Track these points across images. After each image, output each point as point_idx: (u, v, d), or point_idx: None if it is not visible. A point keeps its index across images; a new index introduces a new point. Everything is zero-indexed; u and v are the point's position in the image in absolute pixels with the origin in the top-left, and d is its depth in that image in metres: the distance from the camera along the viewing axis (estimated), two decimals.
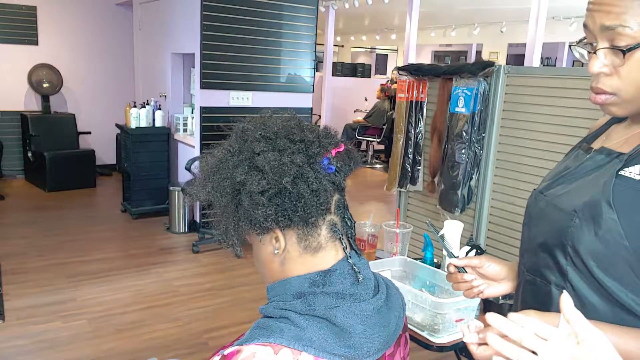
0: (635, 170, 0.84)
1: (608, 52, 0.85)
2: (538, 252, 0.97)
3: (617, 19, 0.82)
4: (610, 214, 0.83)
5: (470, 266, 1.11)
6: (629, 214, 0.82)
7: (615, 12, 0.82)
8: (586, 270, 0.87)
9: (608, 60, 0.85)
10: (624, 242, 0.82)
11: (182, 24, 4.82)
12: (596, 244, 0.85)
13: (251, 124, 0.86)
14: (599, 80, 0.87)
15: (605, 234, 0.84)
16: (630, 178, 0.84)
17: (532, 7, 6.17)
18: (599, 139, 1.00)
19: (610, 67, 0.85)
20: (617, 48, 0.83)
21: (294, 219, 0.80)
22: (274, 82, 4.84)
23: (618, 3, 0.81)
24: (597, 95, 0.89)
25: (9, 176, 6.56)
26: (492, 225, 2.92)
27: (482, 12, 8.80)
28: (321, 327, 0.78)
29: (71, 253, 4.17)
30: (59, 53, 6.63)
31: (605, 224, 0.84)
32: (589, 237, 0.86)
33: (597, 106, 0.92)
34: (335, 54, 13.27)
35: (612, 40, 0.83)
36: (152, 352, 2.81)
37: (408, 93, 3.22)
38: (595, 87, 0.89)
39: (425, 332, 1.74)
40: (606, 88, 0.87)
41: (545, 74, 2.66)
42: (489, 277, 1.11)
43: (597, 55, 0.86)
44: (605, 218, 0.83)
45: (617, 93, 0.86)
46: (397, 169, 3.30)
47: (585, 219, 0.86)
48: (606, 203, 0.84)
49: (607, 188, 0.85)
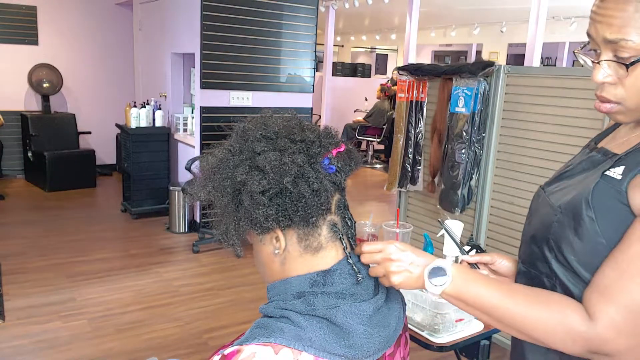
0: (619, 171, 0.86)
1: (612, 63, 0.85)
2: (530, 245, 1.00)
3: (619, 32, 0.82)
4: (588, 212, 0.87)
5: (482, 263, 1.13)
6: (605, 213, 0.85)
7: (617, 24, 0.82)
8: (567, 264, 0.90)
9: (612, 70, 0.86)
10: (601, 239, 0.85)
11: (182, 24, 4.82)
12: (575, 240, 0.88)
13: (252, 124, 0.86)
14: (604, 89, 0.88)
15: (583, 231, 0.87)
16: (612, 178, 0.86)
17: (532, 7, 6.17)
18: (606, 138, 1.02)
19: (615, 77, 0.86)
20: (620, 61, 0.84)
21: (294, 219, 0.80)
22: (274, 82, 4.84)
23: (620, 15, 0.81)
24: (602, 103, 0.90)
25: (9, 176, 6.55)
26: (492, 225, 2.92)
27: (482, 12, 8.79)
28: (321, 327, 0.78)
29: (71, 253, 4.17)
30: (59, 53, 6.63)
31: (583, 222, 0.87)
32: (570, 234, 0.89)
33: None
34: (335, 54, 13.26)
35: (615, 51, 0.84)
36: (152, 352, 2.81)
37: (408, 93, 3.22)
38: (600, 96, 0.90)
39: (425, 332, 1.74)
40: (611, 97, 0.88)
41: (545, 74, 2.66)
42: (500, 273, 1.13)
43: (601, 65, 0.86)
44: (584, 216, 0.87)
45: (621, 102, 0.87)
46: (397, 169, 3.31)
47: (567, 216, 0.90)
48: (585, 201, 0.87)
49: (589, 187, 0.88)
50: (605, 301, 0.81)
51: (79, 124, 6.68)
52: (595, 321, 0.82)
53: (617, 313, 0.80)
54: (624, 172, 0.85)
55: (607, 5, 0.83)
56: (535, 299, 0.87)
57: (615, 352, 0.81)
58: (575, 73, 2.54)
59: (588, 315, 0.82)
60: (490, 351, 1.92)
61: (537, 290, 0.91)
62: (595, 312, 0.82)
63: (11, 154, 6.50)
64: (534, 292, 0.90)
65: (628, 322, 0.80)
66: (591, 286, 0.85)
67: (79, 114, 6.75)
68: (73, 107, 6.86)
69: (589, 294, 0.85)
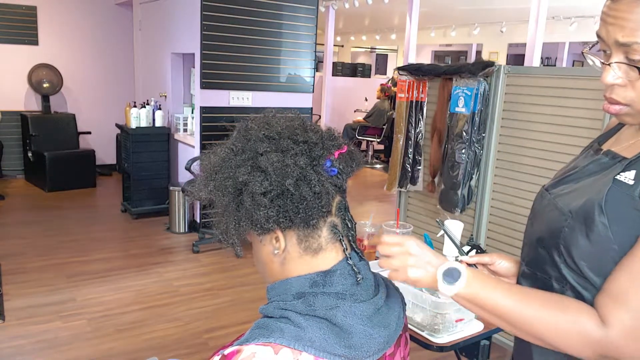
0: (630, 176, 0.85)
1: (623, 65, 0.84)
2: (537, 248, 0.99)
3: (631, 36, 0.81)
4: (601, 217, 0.85)
5: (482, 263, 1.13)
6: (618, 218, 0.84)
7: (630, 27, 0.80)
8: (577, 269, 0.89)
9: (622, 72, 0.85)
10: (614, 245, 0.84)
11: (182, 24, 4.82)
12: (587, 246, 0.87)
13: (254, 123, 0.86)
14: (613, 91, 0.87)
15: (595, 237, 0.86)
16: (624, 183, 0.85)
17: (532, 7, 6.17)
18: (610, 140, 1.01)
19: (625, 79, 0.85)
20: (632, 64, 0.83)
21: (295, 221, 0.80)
22: (274, 82, 4.84)
23: (632, 18, 0.80)
24: (611, 105, 0.89)
25: (9, 176, 6.55)
26: (492, 225, 2.92)
27: (482, 12, 8.79)
28: (321, 327, 0.78)
29: (71, 253, 4.17)
30: (59, 53, 6.63)
31: (596, 227, 0.86)
32: (581, 239, 0.88)
33: (598, 106, 0.92)
34: (335, 54, 13.26)
35: (626, 53, 0.83)
36: (152, 352, 2.81)
37: (408, 93, 3.21)
38: (609, 98, 0.88)
39: (425, 332, 1.74)
40: (620, 99, 0.87)
41: (545, 74, 2.66)
42: (500, 274, 1.12)
43: (612, 67, 0.85)
44: (597, 222, 0.86)
45: (631, 104, 0.86)
46: (397, 169, 3.30)
47: (579, 221, 0.88)
48: (598, 207, 0.86)
49: (602, 192, 0.87)
50: (619, 307, 0.81)
51: (79, 124, 6.68)
52: (608, 327, 0.81)
53: (630, 319, 0.80)
54: (635, 177, 0.84)
55: (620, 7, 0.82)
56: (551, 304, 0.87)
57: (627, 358, 0.81)
58: (575, 73, 2.54)
59: (601, 321, 0.82)
60: (490, 351, 1.92)
61: (551, 295, 0.90)
62: (609, 318, 0.81)
63: (11, 154, 6.50)
64: (547, 296, 0.89)
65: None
66: (604, 292, 0.85)
67: (79, 114, 6.75)
68: (73, 107, 6.86)
69: (602, 299, 0.84)
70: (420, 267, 0.91)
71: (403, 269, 0.91)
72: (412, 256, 0.91)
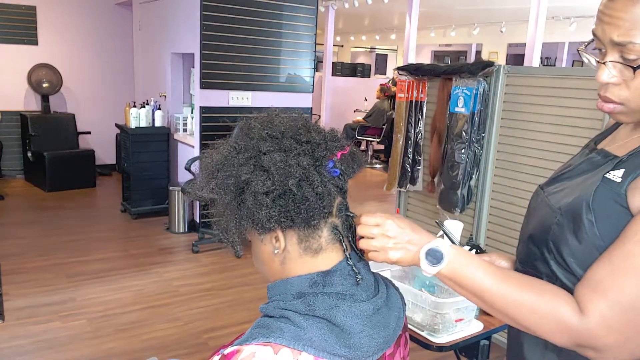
0: (619, 174, 0.86)
1: (618, 64, 0.85)
2: (528, 244, 1.00)
3: (627, 35, 0.81)
4: (588, 215, 0.86)
5: None
6: (605, 215, 0.85)
7: (626, 27, 0.81)
8: (566, 266, 0.90)
9: (617, 71, 0.85)
10: (600, 242, 0.85)
11: (182, 24, 4.82)
12: (575, 243, 0.88)
13: (258, 122, 0.85)
14: (607, 90, 0.88)
15: (583, 234, 0.87)
16: (612, 181, 0.86)
17: (532, 7, 6.17)
18: (606, 139, 1.01)
19: (619, 78, 0.85)
20: (627, 63, 0.83)
21: (296, 221, 0.80)
22: (274, 82, 4.84)
23: (628, 17, 0.80)
24: (605, 103, 0.89)
25: (9, 176, 6.55)
26: (492, 225, 2.92)
27: (482, 12, 8.80)
28: (321, 327, 0.78)
29: (71, 253, 4.17)
30: (58, 53, 6.63)
31: (583, 224, 0.87)
32: (569, 236, 0.89)
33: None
34: (335, 54, 13.26)
35: (622, 52, 0.83)
36: (152, 352, 2.81)
37: (408, 93, 3.22)
38: (603, 96, 0.89)
39: (425, 332, 1.74)
40: (614, 98, 0.87)
41: (545, 74, 2.66)
42: None
43: (607, 66, 0.85)
44: (584, 219, 0.87)
45: (625, 103, 0.87)
46: (397, 169, 3.31)
47: (567, 218, 0.90)
48: (586, 204, 0.87)
49: (590, 190, 0.88)
50: (597, 296, 0.81)
51: (79, 124, 6.68)
52: (586, 316, 0.81)
53: (608, 309, 0.80)
54: (623, 175, 0.85)
55: (616, 6, 0.82)
56: (529, 287, 0.87)
57: (603, 347, 0.81)
58: (575, 73, 2.54)
59: (579, 309, 0.82)
60: (489, 351, 1.92)
61: (532, 279, 0.90)
62: (587, 307, 0.82)
63: (11, 154, 6.50)
64: (528, 280, 0.89)
65: (618, 318, 0.80)
66: (584, 281, 0.85)
67: (79, 114, 6.75)
68: (73, 107, 6.86)
69: (581, 288, 0.84)
70: (400, 247, 0.89)
71: (383, 250, 0.88)
72: (390, 239, 0.88)
